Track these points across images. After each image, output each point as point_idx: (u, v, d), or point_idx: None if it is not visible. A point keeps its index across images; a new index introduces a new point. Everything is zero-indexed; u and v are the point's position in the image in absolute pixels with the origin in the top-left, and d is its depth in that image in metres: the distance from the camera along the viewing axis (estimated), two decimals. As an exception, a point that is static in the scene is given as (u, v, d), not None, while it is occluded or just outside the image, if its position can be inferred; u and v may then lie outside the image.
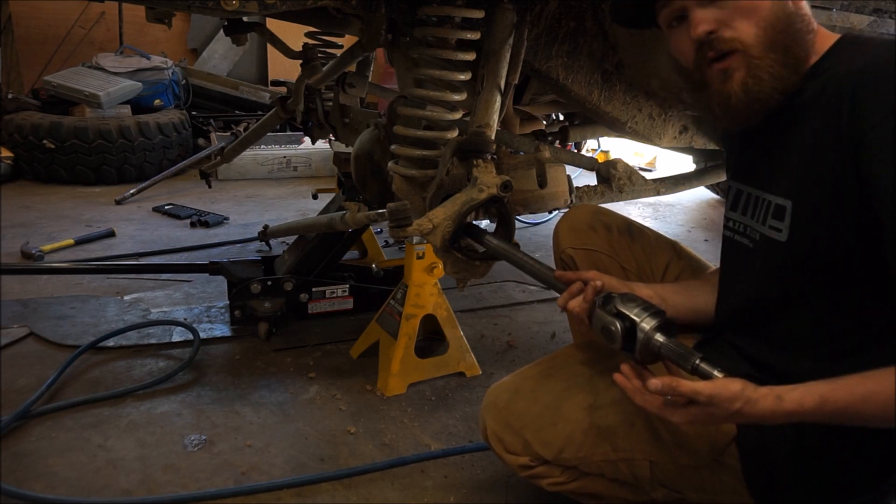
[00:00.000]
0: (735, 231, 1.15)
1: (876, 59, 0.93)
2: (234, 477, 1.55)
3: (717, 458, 1.11)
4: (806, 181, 0.98)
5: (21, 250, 2.91)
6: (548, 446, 1.20)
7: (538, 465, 1.22)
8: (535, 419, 1.22)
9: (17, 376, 1.90)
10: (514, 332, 2.38)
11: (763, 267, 1.08)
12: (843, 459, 1.04)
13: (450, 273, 1.49)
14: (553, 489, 1.23)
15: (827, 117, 0.94)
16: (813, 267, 0.99)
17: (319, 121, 2.53)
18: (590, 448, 1.18)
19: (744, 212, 1.12)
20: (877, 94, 0.89)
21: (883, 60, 0.91)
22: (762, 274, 1.09)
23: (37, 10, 5.22)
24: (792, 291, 1.04)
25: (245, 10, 1.33)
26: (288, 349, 2.16)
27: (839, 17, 1.87)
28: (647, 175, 2.20)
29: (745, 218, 1.11)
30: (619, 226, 1.47)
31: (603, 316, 1.06)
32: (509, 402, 1.27)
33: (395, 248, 3.19)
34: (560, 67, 1.79)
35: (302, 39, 2.39)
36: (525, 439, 1.22)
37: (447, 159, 1.46)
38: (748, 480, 1.10)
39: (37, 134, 4.07)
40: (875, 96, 0.89)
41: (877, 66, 0.91)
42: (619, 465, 1.17)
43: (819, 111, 0.96)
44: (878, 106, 0.88)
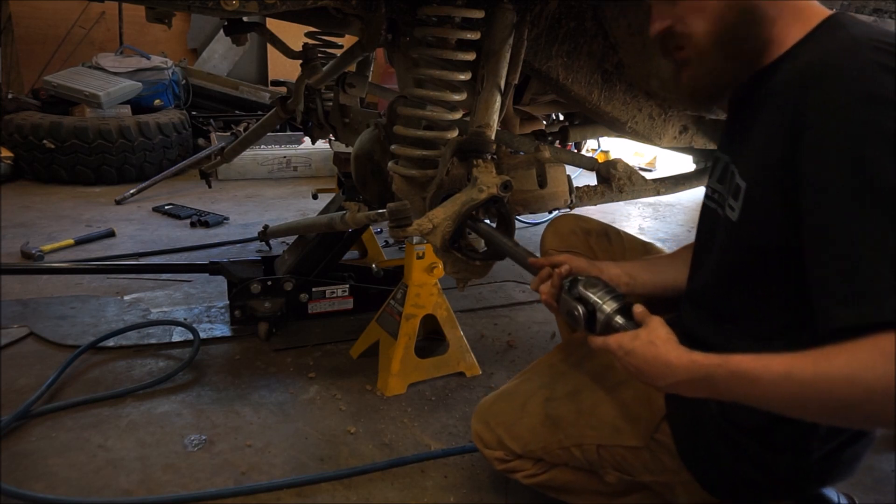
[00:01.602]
0: (713, 200, 1.15)
1: (832, 52, 0.92)
2: (234, 477, 1.55)
3: (653, 437, 1.17)
4: (757, 167, 0.99)
5: (21, 250, 2.91)
6: (516, 440, 1.33)
7: (512, 458, 1.35)
8: (507, 416, 1.36)
9: (17, 376, 1.90)
10: (515, 332, 2.38)
11: (721, 242, 1.10)
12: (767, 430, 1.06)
13: (450, 273, 1.49)
14: (528, 482, 1.35)
15: (780, 107, 0.94)
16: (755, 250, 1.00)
17: (319, 121, 2.53)
18: (546, 438, 1.29)
19: (720, 181, 1.13)
20: (822, 92, 0.88)
21: (838, 54, 0.90)
22: (721, 248, 1.10)
23: (37, 10, 5.22)
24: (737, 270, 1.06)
25: (245, 10, 1.34)
26: (288, 349, 2.16)
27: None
28: (647, 175, 2.20)
29: (722, 187, 1.12)
30: (597, 230, 1.55)
31: (567, 300, 1.11)
32: (491, 404, 1.42)
33: (395, 248, 3.19)
34: (560, 67, 1.79)
35: (302, 39, 2.39)
36: (499, 435, 1.35)
37: (447, 159, 1.46)
38: (683, 457, 1.15)
39: (37, 134, 4.07)
40: (820, 94, 0.88)
41: (829, 60, 0.90)
42: (573, 452, 1.27)
43: (777, 100, 0.96)
44: (820, 104, 0.87)
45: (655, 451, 1.18)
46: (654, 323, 1.00)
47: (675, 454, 1.16)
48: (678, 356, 0.93)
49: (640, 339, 0.98)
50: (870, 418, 0.81)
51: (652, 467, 1.20)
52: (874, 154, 0.81)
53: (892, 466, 1.73)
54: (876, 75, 0.84)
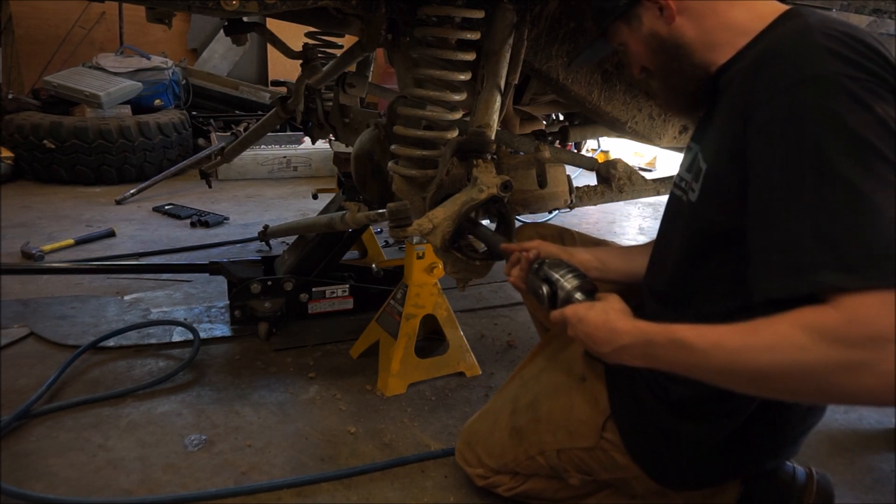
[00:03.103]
0: (679, 188, 1.17)
1: (784, 37, 0.95)
2: (235, 477, 1.55)
3: (602, 436, 1.23)
4: (716, 149, 1.02)
5: (21, 250, 2.91)
6: (491, 456, 1.40)
7: (491, 475, 1.42)
8: (482, 434, 1.43)
9: (17, 376, 1.90)
10: (515, 331, 2.38)
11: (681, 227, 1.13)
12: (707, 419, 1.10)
13: (450, 273, 1.49)
14: (508, 495, 1.42)
15: (736, 91, 0.97)
16: (712, 231, 1.03)
17: (319, 121, 2.53)
18: (514, 450, 1.36)
19: (689, 169, 1.15)
20: (770, 74, 0.91)
21: (789, 39, 0.93)
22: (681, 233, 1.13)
23: (37, 10, 5.22)
24: (695, 253, 1.07)
25: (245, 10, 1.34)
26: (288, 349, 2.16)
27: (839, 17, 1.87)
28: (647, 175, 2.20)
29: (689, 175, 1.14)
30: (552, 234, 1.61)
31: (533, 280, 1.18)
32: (471, 423, 1.50)
33: (395, 248, 3.19)
34: (560, 67, 1.79)
35: (302, 39, 2.39)
36: (477, 453, 1.43)
37: (447, 159, 1.46)
38: (630, 453, 1.20)
39: (37, 134, 4.07)
40: (768, 75, 0.91)
41: (780, 44, 0.94)
42: (538, 460, 1.33)
43: (734, 85, 0.99)
44: (768, 85, 0.90)
45: (607, 450, 1.24)
46: (611, 297, 1.06)
47: (624, 451, 1.21)
48: (625, 323, 0.99)
49: (595, 308, 1.03)
50: (791, 390, 0.82)
51: (607, 465, 1.26)
52: (814, 134, 0.83)
53: (891, 466, 1.73)
54: (822, 58, 0.86)
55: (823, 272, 0.78)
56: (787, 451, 1.18)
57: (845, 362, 0.75)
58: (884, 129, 0.81)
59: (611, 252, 1.38)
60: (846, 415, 1.98)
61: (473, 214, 1.40)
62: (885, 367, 0.73)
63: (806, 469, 1.22)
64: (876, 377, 0.74)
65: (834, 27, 0.91)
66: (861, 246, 0.77)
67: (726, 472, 1.18)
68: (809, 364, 0.77)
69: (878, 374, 0.73)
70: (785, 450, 1.17)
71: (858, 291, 0.76)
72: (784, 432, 1.13)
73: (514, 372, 1.52)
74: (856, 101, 0.82)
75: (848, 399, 0.79)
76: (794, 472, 1.21)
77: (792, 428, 1.13)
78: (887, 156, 0.80)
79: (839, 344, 0.75)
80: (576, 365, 1.33)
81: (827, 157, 0.81)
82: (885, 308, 0.74)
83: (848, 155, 0.80)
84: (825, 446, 1.80)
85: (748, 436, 1.11)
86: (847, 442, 1.83)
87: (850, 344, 0.75)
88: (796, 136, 0.84)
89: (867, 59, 0.86)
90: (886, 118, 0.82)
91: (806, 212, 0.81)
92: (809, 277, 0.79)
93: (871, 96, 0.83)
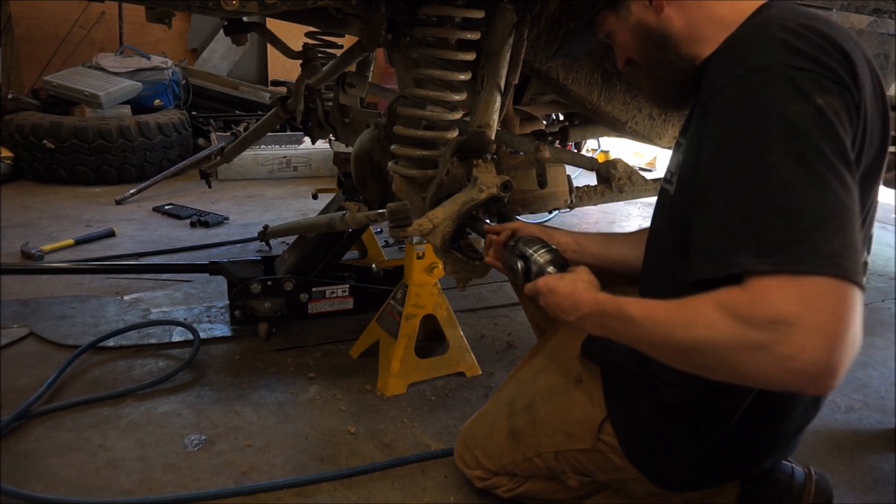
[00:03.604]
0: (668, 181, 1.18)
1: (746, 29, 0.97)
2: (235, 477, 1.55)
3: (599, 437, 1.23)
4: (689, 141, 1.04)
5: (21, 250, 2.91)
6: (490, 458, 1.41)
7: (490, 476, 1.43)
8: (480, 436, 1.44)
9: (17, 376, 1.90)
10: (515, 331, 2.38)
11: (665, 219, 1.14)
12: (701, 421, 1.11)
13: (450, 273, 1.49)
14: (507, 496, 1.42)
15: (704, 84, 1.00)
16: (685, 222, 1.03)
17: (319, 121, 2.53)
18: (512, 452, 1.36)
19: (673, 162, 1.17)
20: (725, 65, 0.93)
21: (748, 31, 0.95)
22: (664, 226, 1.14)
23: (37, 10, 5.22)
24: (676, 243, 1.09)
25: (245, 10, 1.34)
26: (288, 349, 2.16)
27: (839, 17, 1.87)
28: (647, 175, 2.20)
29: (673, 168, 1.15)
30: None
31: (509, 257, 1.22)
32: (469, 425, 1.50)
33: (395, 248, 3.19)
34: (560, 67, 1.79)
35: (302, 39, 2.39)
36: (476, 455, 1.44)
37: (447, 159, 1.46)
38: (627, 454, 1.20)
39: (37, 134, 4.07)
40: (724, 66, 0.93)
41: (739, 37, 0.96)
42: (536, 462, 1.33)
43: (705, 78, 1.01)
44: (723, 76, 0.92)
45: (604, 452, 1.24)
46: (580, 269, 1.10)
47: (621, 453, 1.22)
48: (587, 294, 1.03)
49: (564, 280, 1.08)
50: (706, 366, 0.84)
51: (604, 467, 1.26)
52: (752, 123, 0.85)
53: (891, 466, 1.74)
54: (773, 49, 0.88)
55: (742, 255, 0.80)
56: (785, 448, 1.18)
57: (746, 341, 0.77)
58: (822, 121, 0.83)
59: (590, 237, 1.39)
60: (846, 415, 1.98)
61: (473, 214, 1.40)
62: (781, 350, 0.75)
63: (805, 469, 1.22)
64: (771, 359, 0.76)
65: (796, 19, 0.93)
66: (778, 233, 0.79)
67: (724, 473, 1.18)
68: (717, 341, 0.80)
69: (774, 356, 0.75)
70: (782, 447, 1.17)
71: (767, 275, 0.77)
72: (780, 430, 1.13)
73: (512, 373, 1.52)
74: (798, 91, 0.84)
75: (751, 379, 0.80)
76: (793, 472, 1.21)
77: (788, 425, 1.13)
78: (821, 147, 0.81)
79: (743, 323, 0.78)
80: (572, 366, 1.33)
81: (762, 146, 0.83)
82: (788, 292, 0.76)
83: (781, 145, 0.82)
84: (825, 446, 1.81)
85: (745, 435, 1.11)
86: (847, 442, 1.83)
87: (751, 324, 0.77)
88: (737, 123, 0.87)
89: (821, 52, 0.88)
90: (826, 110, 0.83)
91: (737, 197, 0.84)
92: (730, 259, 0.81)
93: (814, 87, 0.84)
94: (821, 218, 0.78)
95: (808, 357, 0.73)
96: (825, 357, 0.73)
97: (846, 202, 0.79)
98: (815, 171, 0.80)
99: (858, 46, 0.96)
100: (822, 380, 0.75)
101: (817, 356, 0.73)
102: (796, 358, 0.74)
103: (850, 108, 0.86)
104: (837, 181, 0.80)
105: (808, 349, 0.73)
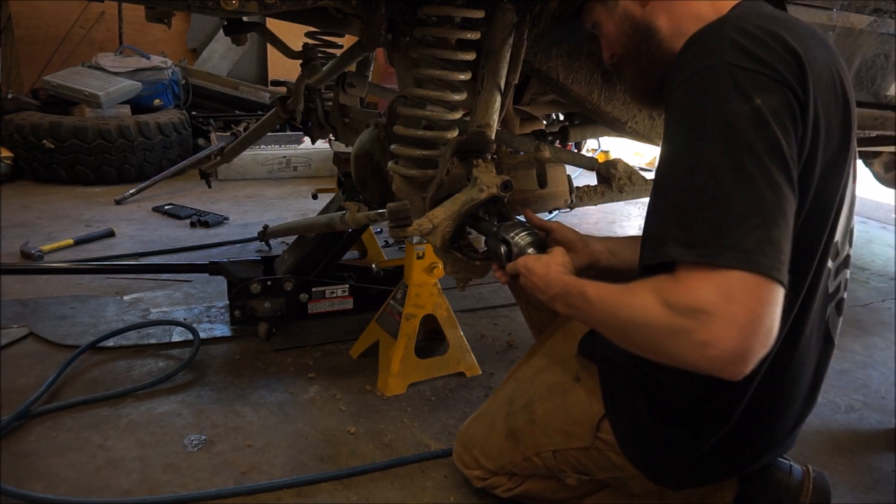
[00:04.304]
0: None
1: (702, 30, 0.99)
2: (235, 477, 1.55)
3: (597, 436, 1.24)
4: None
5: (21, 250, 2.91)
6: (488, 458, 1.41)
7: (489, 476, 1.43)
8: (479, 437, 1.44)
9: (17, 376, 1.90)
10: (515, 331, 2.38)
11: None
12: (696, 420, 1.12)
13: (450, 273, 1.49)
14: (506, 495, 1.43)
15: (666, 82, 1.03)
16: None
17: (319, 121, 2.53)
18: (511, 451, 1.37)
19: None
20: (681, 62, 0.97)
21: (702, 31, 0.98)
22: None
23: (37, 10, 5.22)
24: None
25: (245, 9, 1.33)
26: (288, 349, 2.16)
27: (839, 17, 1.87)
28: (647, 175, 2.19)
29: None
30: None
31: (493, 242, 1.27)
32: (467, 426, 1.50)
33: (395, 248, 3.19)
34: (560, 67, 1.79)
35: (302, 39, 2.39)
36: (475, 455, 1.44)
37: (447, 159, 1.46)
38: (625, 452, 1.21)
39: (37, 134, 4.07)
40: (679, 63, 0.97)
41: (695, 37, 0.98)
42: (535, 461, 1.34)
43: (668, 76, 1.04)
44: (676, 75, 0.96)
45: (602, 450, 1.25)
46: (556, 251, 1.17)
47: (619, 450, 1.22)
48: (558, 275, 1.09)
49: (541, 261, 1.14)
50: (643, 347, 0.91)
51: (603, 465, 1.26)
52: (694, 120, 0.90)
53: (891, 466, 1.74)
54: (721, 48, 0.91)
55: (670, 245, 0.86)
56: (783, 444, 1.18)
57: (671, 326, 0.84)
58: (757, 120, 0.86)
59: (623, 242, 1.41)
60: (846, 415, 1.98)
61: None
62: (699, 337, 0.81)
63: (803, 467, 1.22)
64: (690, 345, 0.82)
65: (753, 20, 0.95)
66: (701, 227, 0.84)
67: (723, 470, 1.19)
68: (649, 323, 0.87)
69: (692, 342, 0.82)
70: (780, 443, 1.17)
71: (694, 265, 0.84)
72: (778, 426, 1.13)
73: (510, 373, 1.52)
74: (738, 90, 0.87)
75: (674, 361, 0.86)
76: (791, 470, 1.21)
77: (785, 421, 1.13)
78: (753, 146, 0.85)
79: (669, 309, 0.84)
80: (570, 365, 1.33)
81: (699, 142, 0.88)
82: (710, 284, 0.82)
83: (716, 142, 0.86)
84: (825, 446, 1.81)
85: (742, 432, 1.11)
86: (847, 442, 1.83)
87: (676, 311, 0.84)
88: (682, 120, 0.92)
89: (767, 51, 0.90)
90: (764, 109, 0.86)
91: (674, 191, 0.90)
92: (661, 249, 0.87)
93: (755, 86, 0.87)
94: (742, 215, 0.83)
95: (723, 346, 0.80)
96: (738, 347, 0.80)
97: (770, 200, 0.84)
98: (743, 169, 0.84)
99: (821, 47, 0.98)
100: (734, 366, 0.81)
101: (731, 345, 0.80)
102: (712, 345, 0.80)
103: (792, 108, 0.89)
104: (764, 180, 0.84)
105: (722, 338, 0.80)
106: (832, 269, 1.08)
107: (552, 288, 1.09)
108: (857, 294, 3.04)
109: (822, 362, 1.15)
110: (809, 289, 1.03)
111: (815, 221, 0.98)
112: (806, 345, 1.08)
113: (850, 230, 1.12)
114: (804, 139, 0.91)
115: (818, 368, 1.14)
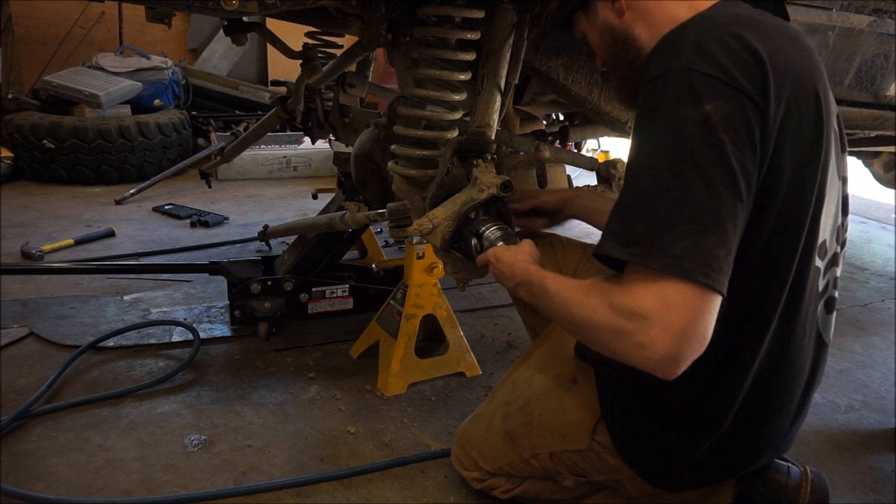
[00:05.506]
0: None
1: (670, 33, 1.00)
2: (234, 477, 1.55)
3: (594, 438, 1.25)
4: None
5: (21, 250, 2.91)
6: (486, 459, 1.42)
7: (487, 477, 1.44)
8: (477, 438, 1.44)
9: (17, 376, 1.90)
10: (515, 331, 2.38)
11: None
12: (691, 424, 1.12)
13: (450, 273, 1.49)
14: (505, 497, 1.44)
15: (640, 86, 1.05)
16: None
17: (319, 121, 2.53)
18: (508, 453, 1.37)
19: None
20: (648, 65, 0.99)
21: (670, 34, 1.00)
22: None
23: (37, 10, 5.22)
24: None
25: (245, 9, 1.33)
26: (288, 349, 2.16)
27: (839, 17, 1.87)
28: (647, 175, 2.19)
29: None
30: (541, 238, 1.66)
31: (466, 235, 1.33)
32: (465, 427, 1.50)
33: (395, 248, 3.19)
34: (560, 67, 1.79)
35: (302, 39, 2.39)
36: (472, 457, 1.44)
37: (447, 159, 1.46)
38: (621, 455, 1.21)
39: (37, 134, 4.07)
40: (648, 66, 0.99)
41: (664, 38, 1.00)
42: (532, 463, 1.34)
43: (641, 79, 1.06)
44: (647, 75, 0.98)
45: (599, 452, 1.25)
46: (524, 242, 1.20)
47: (615, 453, 1.22)
48: (523, 265, 1.13)
49: (509, 251, 1.18)
50: (591, 341, 0.97)
51: (600, 467, 1.27)
52: (647, 123, 0.93)
53: (891, 466, 1.74)
54: (682, 52, 0.93)
55: (611, 241, 0.91)
56: (781, 444, 1.18)
57: (613, 327, 0.89)
58: (705, 127, 0.87)
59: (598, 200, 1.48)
60: (846, 415, 1.98)
61: (473, 214, 1.40)
62: (637, 339, 0.86)
63: (801, 468, 1.22)
64: (629, 345, 0.88)
65: (717, 21, 0.97)
66: (638, 228, 0.89)
67: (720, 472, 1.18)
68: (595, 322, 0.92)
69: (631, 343, 0.87)
70: (778, 443, 1.17)
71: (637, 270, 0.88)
72: (775, 426, 1.13)
73: (506, 375, 1.52)
74: (692, 96, 0.89)
75: (618, 358, 0.91)
76: (789, 471, 1.21)
77: (782, 421, 1.13)
78: (696, 153, 0.87)
79: (613, 311, 0.90)
80: (567, 368, 1.33)
81: (649, 145, 0.92)
82: (649, 290, 0.86)
83: (663, 146, 0.90)
84: (825, 446, 1.81)
85: (739, 433, 1.11)
86: (847, 442, 1.83)
87: (619, 312, 0.89)
88: (639, 123, 0.95)
89: (728, 56, 0.91)
90: (713, 116, 0.88)
91: (626, 191, 0.94)
92: (603, 243, 0.93)
93: (708, 93, 0.89)
94: (675, 221, 0.86)
95: (658, 349, 0.85)
96: (671, 351, 0.85)
97: (706, 207, 0.86)
98: (682, 176, 0.87)
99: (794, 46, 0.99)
100: (667, 368, 0.87)
101: (664, 350, 0.85)
102: (648, 348, 0.86)
103: (745, 114, 0.89)
104: (703, 187, 0.86)
105: (657, 342, 0.85)
106: (821, 268, 1.08)
107: (517, 276, 1.13)
108: (857, 294, 3.04)
109: (816, 361, 1.15)
110: (796, 288, 1.03)
111: (791, 220, 0.98)
112: (798, 344, 1.08)
113: (837, 228, 1.11)
114: (765, 142, 0.91)
115: (813, 368, 1.14)
